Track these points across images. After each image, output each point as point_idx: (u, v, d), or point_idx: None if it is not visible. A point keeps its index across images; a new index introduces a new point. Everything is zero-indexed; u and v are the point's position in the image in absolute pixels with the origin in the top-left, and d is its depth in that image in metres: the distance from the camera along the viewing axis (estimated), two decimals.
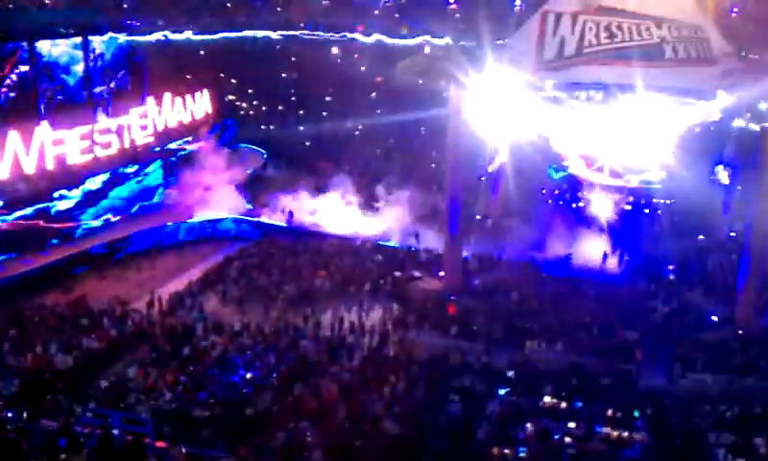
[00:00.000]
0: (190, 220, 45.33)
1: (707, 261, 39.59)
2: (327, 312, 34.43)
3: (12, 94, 38.76)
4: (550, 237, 42.07)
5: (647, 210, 44.41)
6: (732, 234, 41.40)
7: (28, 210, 38.66)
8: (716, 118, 36.37)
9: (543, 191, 47.19)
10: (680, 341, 31.60)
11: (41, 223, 39.31)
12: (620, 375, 28.80)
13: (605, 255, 39.81)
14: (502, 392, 27.12)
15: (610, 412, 25.68)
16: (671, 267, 38.50)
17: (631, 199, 43.31)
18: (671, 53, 35.25)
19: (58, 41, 41.36)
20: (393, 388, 27.22)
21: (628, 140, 37.03)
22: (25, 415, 22.11)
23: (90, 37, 43.08)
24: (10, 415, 22.31)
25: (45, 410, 23.75)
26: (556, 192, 47.09)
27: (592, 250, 39.78)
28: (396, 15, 49.36)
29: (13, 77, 38.91)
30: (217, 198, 46.64)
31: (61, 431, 17.82)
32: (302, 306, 34.90)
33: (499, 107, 36.61)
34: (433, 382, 28.19)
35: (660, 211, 44.59)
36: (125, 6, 45.95)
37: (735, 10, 39.29)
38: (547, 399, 26.47)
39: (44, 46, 40.46)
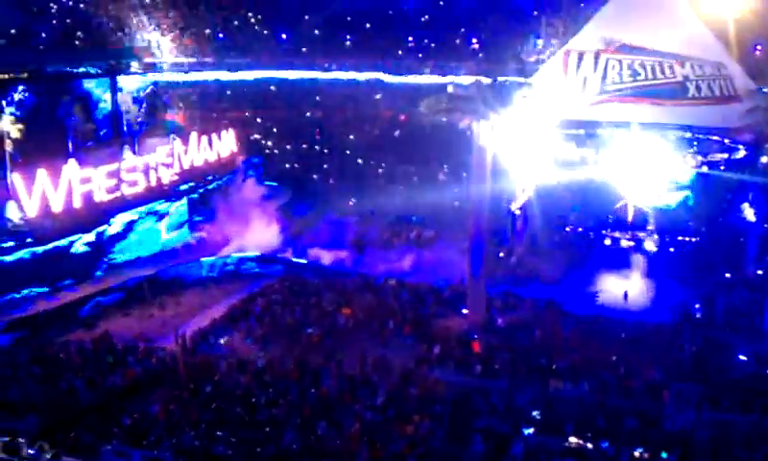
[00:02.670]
0: (215, 256, 45.57)
1: (734, 299, 39.06)
2: (350, 350, 34.28)
3: (40, 133, 39.44)
4: (575, 275, 41.82)
5: (672, 249, 44.11)
6: (760, 272, 40.88)
7: (57, 243, 39.15)
8: (741, 155, 36.34)
9: (568, 229, 47.05)
10: (707, 380, 31.10)
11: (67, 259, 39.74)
12: (647, 415, 28.35)
13: (628, 294, 39.43)
14: (527, 432, 26.80)
15: (636, 453, 25.29)
16: (698, 305, 38.05)
17: (656, 237, 43.06)
18: (694, 91, 35.39)
19: (86, 81, 42.14)
20: (416, 427, 27.02)
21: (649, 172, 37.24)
22: (48, 453, 22.18)
23: (118, 77, 43.87)
24: (32, 452, 22.39)
25: (68, 448, 23.80)
26: (580, 230, 46.93)
27: (618, 288, 39.43)
28: (420, 55, 49.77)
29: (43, 116, 39.65)
30: (242, 234, 46.89)
31: None
32: (326, 344, 34.86)
33: (524, 144, 36.70)
34: (456, 422, 27.95)
35: (684, 249, 44.29)
36: (153, 47, 46.81)
37: (759, 47, 39.13)
38: (573, 439, 26.10)
39: (73, 86, 41.23)
